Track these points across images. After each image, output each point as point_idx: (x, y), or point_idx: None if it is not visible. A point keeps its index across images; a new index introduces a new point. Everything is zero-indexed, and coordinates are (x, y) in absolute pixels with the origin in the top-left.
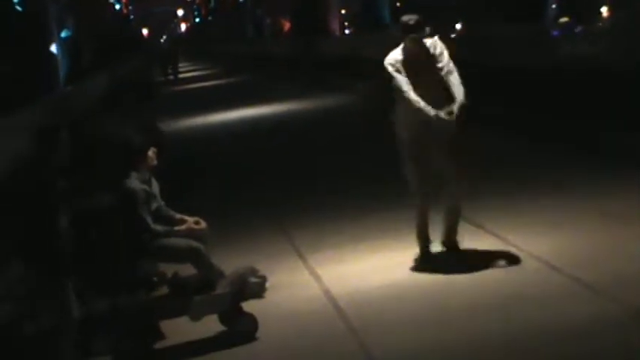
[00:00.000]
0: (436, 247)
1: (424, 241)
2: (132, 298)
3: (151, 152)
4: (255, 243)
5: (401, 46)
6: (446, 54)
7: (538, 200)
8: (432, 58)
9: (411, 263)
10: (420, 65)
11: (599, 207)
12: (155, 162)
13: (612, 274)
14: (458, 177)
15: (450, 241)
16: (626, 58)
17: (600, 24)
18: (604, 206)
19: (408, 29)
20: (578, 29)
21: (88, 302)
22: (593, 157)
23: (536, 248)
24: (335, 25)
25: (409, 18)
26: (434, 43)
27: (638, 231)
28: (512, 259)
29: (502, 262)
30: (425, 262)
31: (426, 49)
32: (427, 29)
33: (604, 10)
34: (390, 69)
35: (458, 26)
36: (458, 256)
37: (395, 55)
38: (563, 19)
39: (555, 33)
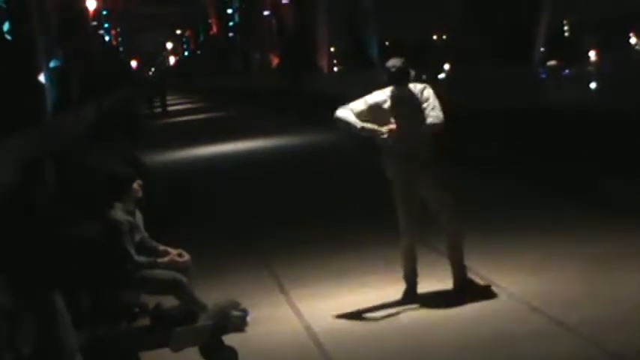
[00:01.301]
0: (421, 286)
1: (411, 279)
2: (113, 329)
3: (136, 184)
4: (237, 277)
5: (389, 89)
6: (429, 92)
7: (522, 241)
8: (418, 102)
9: (393, 301)
10: (406, 110)
11: (583, 250)
12: (140, 194)
13: (592, 317)
14: (451, 214)
15: (458, 280)
16: (613, 102)
17: (589, 67)
18: (589, 249)
19: (393, 78)
20: (566, 72)
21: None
22: (579, 199)
23: (519, 289)
24: (323, 62)
25: (393, 65)
26: (420, 89)
27: (620, 275)
28: (494, 299)
29: (482, 302)
30: (409, 300)
31: (411, 95)
32: (412, 73)
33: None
34: (341, 111)
35: (446, 66)
36: (442, 296)
37: (377, 98)
38: (552, 62)
39: (543, 75)
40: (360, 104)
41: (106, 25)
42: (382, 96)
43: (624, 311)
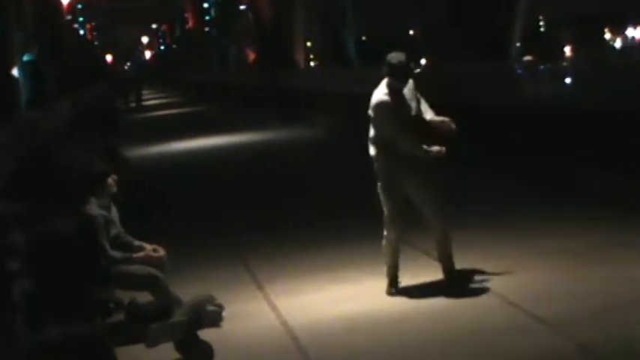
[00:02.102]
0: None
1: (393, 274)
2: (88, 325)
3: (111, 179)
4: (214, 272)
5: (385, 84)
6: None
7: (498, 236)
8: (416, 98)
9: (369, 296)
10: (407, 106)
11: (559, 245)
12: (115, 189)
13: (567, 312)
14: (440, 215)
15: (445, 268)
16: (589, 97)
17: (565, 63)
18: (565, 244)
19: (398, 73)
20: (542, 68)
21: (41, 329)
22: (556, 194)
23: (495, 284)
24: (300, 57)
25: (397, 60)
26: (413, 84)
27: (596, 269)
28: (471, 294)
29: (460, 297)
30: (391, 293)
31: (409, 90)
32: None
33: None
34: (386, 112)
35: (423, 61)
36: (419, 291)
37: (385, 98)
38: (528, 58)
39: (520, 71)
40: (391, 117)
41: (81, 19)
42: (386, 97)
43: (598, 305)
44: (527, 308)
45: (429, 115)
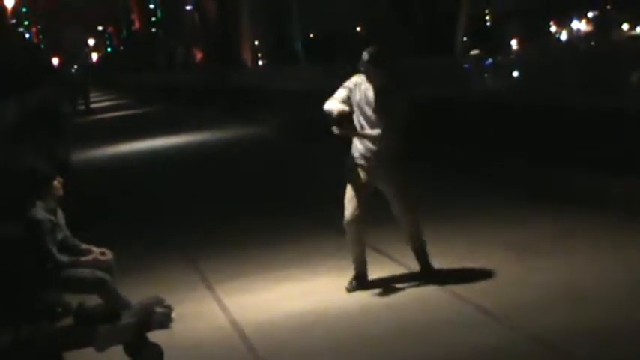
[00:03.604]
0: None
1: (360, 266)
2: (35, 329)
3: (56, 182)
4: (162, 273)
5: (361, 77)
6: None
7: (447, 229)
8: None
9: (320, 294)
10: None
11: (507, 238)
12: (61, 192)
13: (516, 303)
14: (409, 217)
15: (421, 265)
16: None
17: (512, 56)
18: (512, 237)
19: (381, 61)
20: (489, 61)
21: None
22: (500, 188)
23: (444, 278)
24: (247, 56)
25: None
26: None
27: (544, 260)
28: (419, 289)
29: (408, 291)
30: (359, 287)
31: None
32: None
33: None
34: (327, 103)
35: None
36: (370, 286)
37: (354, 80)
38: (475, 52)
39: (467, 65)
40: (341, 91)
41: (26, 23)
42: (358, 79)
43: (547, 295)
44: (477, 301)
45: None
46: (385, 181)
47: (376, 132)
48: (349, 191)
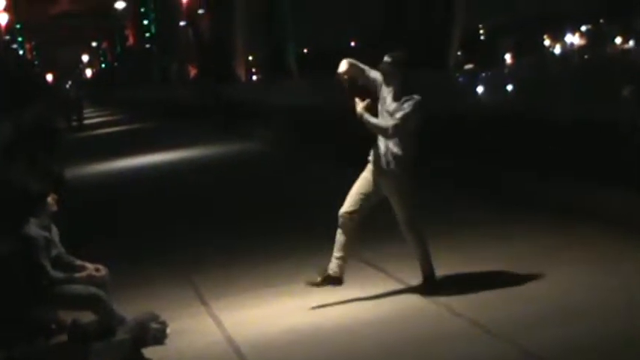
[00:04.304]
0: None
1: (336, 266)
2: (29, 347)
3: (50, 198)
4: (157, 289)
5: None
6: None
7: (440, 243)
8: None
9: (315, 309)
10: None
11: (502, 250)
12: (55, 208)
13: (509, 317)
14: (406, 227)
15: (423, 274)
16: (529, 105)
17: (505, 70)
18: (507, 249)
19: (402, 64)
20: (482, 75)
21: None
22: (494, 200)
23: (439, 292)
24: (241, 71)
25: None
26: None
27: (534, 274)
28: (414, 303)
29: (403, 305)
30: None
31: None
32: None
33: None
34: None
35: None
36: (364, 302)
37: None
38: (469, 66)
39: (461, 79)
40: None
41: (20, 39)
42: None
43: (539, 309)
44: (470, 315)
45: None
46: (389, 188)
47: (386, 131)
48: (355, 186)
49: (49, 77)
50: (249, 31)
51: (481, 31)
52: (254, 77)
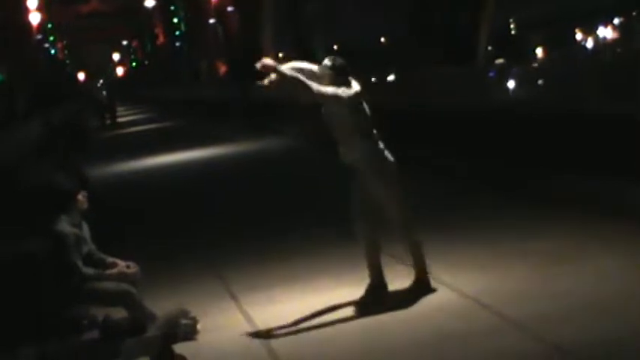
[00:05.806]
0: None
1: (372, 272)
2: (62, 343)
3: (81, 196)
4: (187, 285)
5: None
6: None
7: (469, 240)
8: None
9: (344, 304)
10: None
11: (529, 247)
12: (86, 205)
13: (539, 312)
14: (401, 226)
15: (417, 276)
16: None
17: (536, 64)
18: (534, 246)
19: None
20: (513, 70)
21: (16, 349)
22: (522, 198)
23: (467, 287)
24: None
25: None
26: None
27: (564, 269)
28: (443, 298)
29: (432, 300)
30: (373, 297)
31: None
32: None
33: (539, 51)
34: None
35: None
36: (394, 297)
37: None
38: (500, 61)
39: (492, 74)
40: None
41: (52, 39)
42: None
43: (569, 305)
44: (500, 310)
45: None
46: (373, 185)
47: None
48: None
49: (81, 76)
50: (278, 28)
51: (512, 26)
52: None
